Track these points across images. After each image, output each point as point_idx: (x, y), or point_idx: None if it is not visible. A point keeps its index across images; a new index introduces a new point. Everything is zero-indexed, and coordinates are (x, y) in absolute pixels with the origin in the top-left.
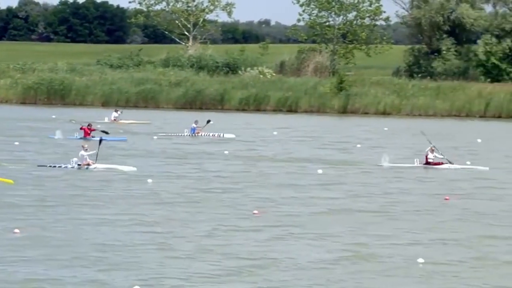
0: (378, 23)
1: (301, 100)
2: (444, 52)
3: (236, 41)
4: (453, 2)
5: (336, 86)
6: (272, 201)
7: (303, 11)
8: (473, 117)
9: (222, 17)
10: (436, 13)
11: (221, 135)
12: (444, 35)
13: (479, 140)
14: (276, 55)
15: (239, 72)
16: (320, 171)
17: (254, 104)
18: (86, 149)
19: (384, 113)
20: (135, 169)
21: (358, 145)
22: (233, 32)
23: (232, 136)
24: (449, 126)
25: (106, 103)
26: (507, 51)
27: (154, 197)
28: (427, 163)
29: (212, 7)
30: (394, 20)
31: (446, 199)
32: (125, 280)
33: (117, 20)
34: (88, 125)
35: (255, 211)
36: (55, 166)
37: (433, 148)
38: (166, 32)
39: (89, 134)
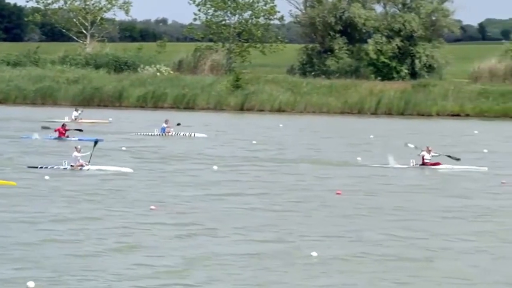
0: (272, 22)
1: (198, 97)
2: (337, 51)
3: (133, 39)
4: (345, 2)
5: (232, 84)
6: (172, 198)
7: (199, 10)
8: (364, 114)
9: (119, 15)
10: (328, 13)
11: (193, 134)
12: (337, 35)
13: (371, 136)
14: (174, 53)
15: (138, 70)
16: (215, 167)
17: (152, 101)
18: (79, 150)
19: (279, 110)
20: (131, 170)
21: (254, 141)
22: (131, 31)
23: (203, 135)
24: (342, 122)
25: (4, 101)
26: (396, 50)
27: (63, 195)
28: (424, 163)
29: (109, 6)
30: (288, 19)
31: (338, 193)
32: (20, 277)
33: (15, 18)
34: (62, 125)
35: (152, 207)
36: (46, 167)
37: (429, 149)
38: (64, 30)
39: (63, 134)
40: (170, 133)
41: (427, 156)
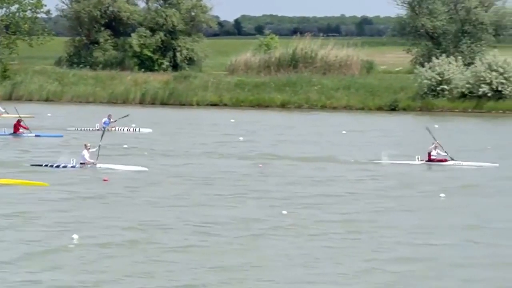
0: (39, 15)
1: None
2: (102, 43)
3: None
4: None
5: (0, 74)
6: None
7: None
8: (129, 104)
9: None
10: (94, 7)
11: (137, 129)
12: (102, 28)
13: (133, 125)
14: None
15: None
16: None
17: None
18: (89, 148)
19: (47, 100)
20: (146, 169)
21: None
22: None
23: (149, 130)
24: (109, 111)
25: None
26: (159, 43)
27: None
28: (430, 160)
29: None
30: (55, 13)
31: (105, 180)
32: None
33: None
34: (18, 120)
35: None
36: (52, 166)
37: (436, 145)
38: None
39: (19, 130)
40: (114, 128)
41: (434, 153)
